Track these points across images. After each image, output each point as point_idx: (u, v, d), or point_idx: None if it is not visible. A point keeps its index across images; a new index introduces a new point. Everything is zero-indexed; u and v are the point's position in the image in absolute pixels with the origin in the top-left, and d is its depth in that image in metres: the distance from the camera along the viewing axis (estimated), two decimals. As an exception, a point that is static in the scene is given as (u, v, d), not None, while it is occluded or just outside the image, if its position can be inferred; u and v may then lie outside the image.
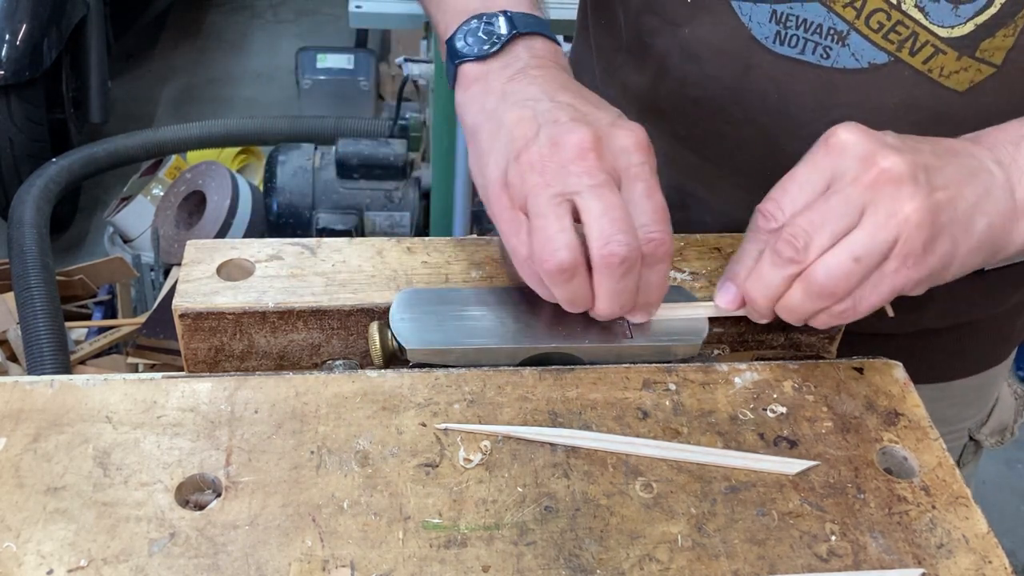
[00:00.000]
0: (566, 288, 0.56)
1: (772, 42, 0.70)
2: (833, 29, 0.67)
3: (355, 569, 0.49)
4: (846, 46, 0.68)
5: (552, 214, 0.55)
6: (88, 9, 2.63)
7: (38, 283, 1.73)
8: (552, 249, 0.54)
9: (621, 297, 0.57)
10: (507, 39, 0.63)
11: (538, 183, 0.55)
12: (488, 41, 0.63)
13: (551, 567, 0.50)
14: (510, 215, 0.57)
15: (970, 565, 0.52)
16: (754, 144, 0.75)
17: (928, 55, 0.66)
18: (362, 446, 0.56)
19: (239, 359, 0.64)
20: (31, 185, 2.03)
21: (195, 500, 0.53)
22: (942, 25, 0.65)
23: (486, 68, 0.63)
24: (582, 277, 0.56)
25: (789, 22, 0.68)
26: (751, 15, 0.70)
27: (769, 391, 0.61)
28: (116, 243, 2.49)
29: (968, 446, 0.97)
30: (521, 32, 0.63)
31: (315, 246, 0.67)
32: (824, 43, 0.68)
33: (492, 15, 0.64)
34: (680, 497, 0.54)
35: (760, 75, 0.71)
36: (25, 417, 0.55)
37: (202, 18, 3.79)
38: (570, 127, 0.56)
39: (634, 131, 0.57)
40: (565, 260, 0.54)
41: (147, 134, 2.31)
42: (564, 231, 0.54)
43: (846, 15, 0.66)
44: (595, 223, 0.54)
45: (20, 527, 0.50)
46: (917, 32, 0.65)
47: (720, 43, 0.72)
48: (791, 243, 0.56)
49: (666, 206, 0.57)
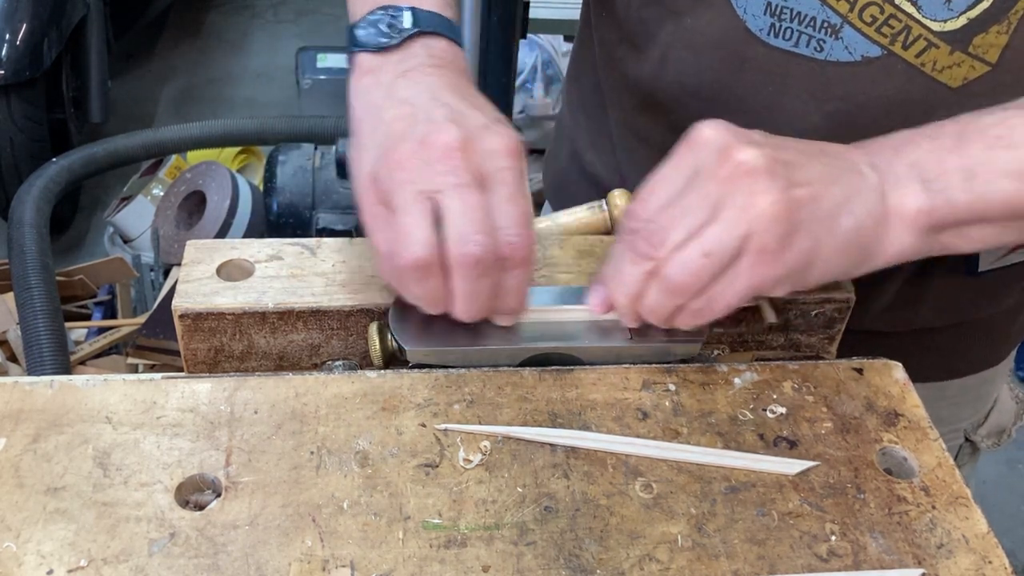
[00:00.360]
0: (421, 285, 0.56)
1: (767, 34, 0.70)
2: (827, 22, 0.67)
3: (355, 569, 0.49)
4: (839, 39, 0.68)
5: (412, 210, 0.55)
6: (88, 9, 2.63)
7: (38, 283, 1.73)
8: (407, 244, 0.54)
9: (479, 299, 0.57)
10: (407, 35, 0.63)
11: (403, 179, 0.55)
12: (387, 35, 0.63)
13: (551, 567, 0.50)
14: (374, 211, 0.57)
15: (970, 565, 0.52)
16: None
17: (921, 48, 0.66)
18: (362, 446, 0.56)
19: (239, 359, 0.64)
20: (31, 185, 2.03)
21: (195, 500, 0.53)
22: (935, 19, 0.65)
23: (381, 60, 0.63)
24: (437, 276, 0.55)
25: (783, 14, 0.69)
26: (746, 7, 0.70)
27: (769, 391, 0.61)
28: (116, 243, 2.48)
29: (964, 447, 0.97)
30: (424, 30, 0.63)
31: (315, 246, 0.67)
32: (818, 36, 0.68)
33: (398, 9, 0.64)
34: (680, 497, 0.54)
35: (755, 67, 0.72)
36: (25, 417, 0.55)
37: (202, 18, 3.79)
38: (440, 127, 0.56)
39: (505, 136, 0.57)
40: (420, 256, 0.54)
41: (147, 134, 2.31)
42: (420, 228, 0.54)
43: (839, 8, 0.67)
44: (454, 222, 0.54)
45: (20, 527, 0.50)
46: (910, 26, 0.65)
47: (717, 35, 0.72)
48: (647, 240, 0.56)
49: (529, 211, 0.57)
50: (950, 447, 0.95)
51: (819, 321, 0.67)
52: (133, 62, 3.42)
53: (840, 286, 0.67)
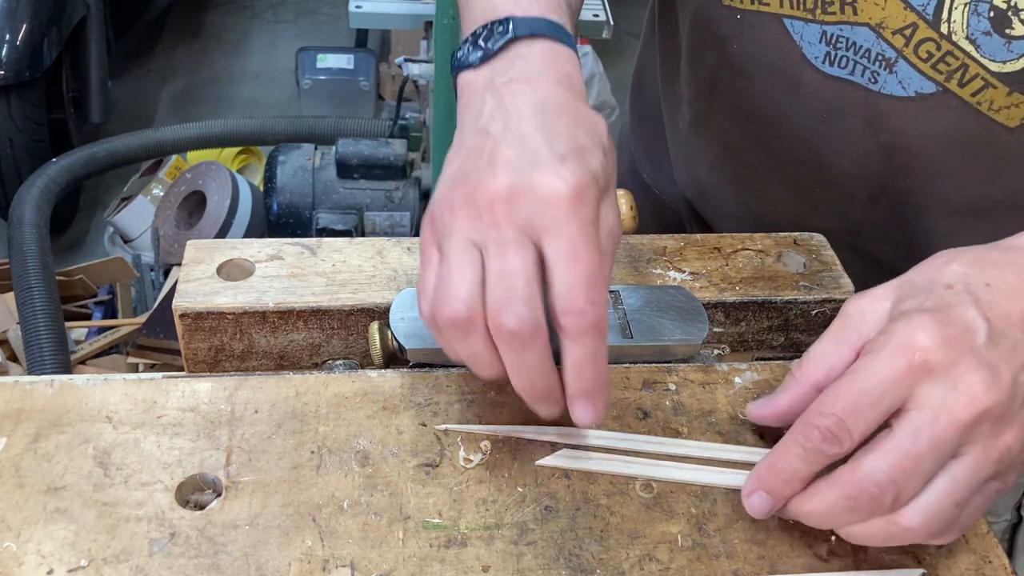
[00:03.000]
0: (463, 344, 0.50)
1: (822, 62, 0.70)
2: (881, 55, 0.67)
3: (355, 569, 0.49)
4: (893, 73, 0.67)
5: (457, 261, 0.49)
6: (88, 9, 2.63)
7: (38, 283, 1.73)
8: (447, 297, 0.49)
9: (530, 374, 0.50)
10: (500, 44, 0.57)
11: (453, 227, 0.50)
12: (483, 48, 0.58)
13: (551, 567, 0.50)
14: (427, 251, 0.52)
15: (970, 565, 0.52)
16: (803, 160, 0.75)
17: (977, 88, 0.65)
18: (362, 446, 0.56)
19: (239, 359, 0.64)
20: (31, 185, 2.03)
21: (195, 500, 0.53)
22: (993, 59, 0.64)
23: (475, 76, 0.58)
24: (480, 336, 0.49)
25: (839, 43, 0.68)
26: (802, 34, 0.69)
27: (769, 391, 0.61)
28: (116, 243, 2.48)
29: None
30: (519, 35, 0.57)
31: (315, 246, 0.67)
32: (872, 67, 0.68)
33: (497, 21, 0.59)
34: (680, 497, 0.54)
35: (809, 93, 0.71)
36: (25, 417, 0.56)
37: (202, 18, 3.79)
38: (494, 171, 0.50)
39: (565, 178, 0.49)
40: (458, 313, 0.49)
41: (147, 134, 2.31)
42: (465, 281, 0.49)
43: (895, 42, 0.66)
44: (491, 287, 0.49)
45: (20, 527, 0.50)
46: (967, 64, 0.64)
47: (770, 60, 0.72)
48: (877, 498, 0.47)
49: (595, 269, 0.49)
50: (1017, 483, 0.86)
51: (819, 321, 0.67)
52: (133, 62, 3.42)
53: (840, 285, 0.67)
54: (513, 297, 0.48)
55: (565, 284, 0.48)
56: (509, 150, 0.51)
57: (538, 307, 0.48)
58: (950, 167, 0.70)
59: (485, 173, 0.50)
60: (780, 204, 0.80)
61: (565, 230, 0.49)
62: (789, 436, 0.49)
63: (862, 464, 0.47)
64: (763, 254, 0.69)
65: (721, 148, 0.81)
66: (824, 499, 0.48)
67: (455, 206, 0.51)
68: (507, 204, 0.49)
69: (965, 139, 0.67)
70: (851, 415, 0.47)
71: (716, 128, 0.80)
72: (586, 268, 0.48)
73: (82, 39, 2.66)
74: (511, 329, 0.48)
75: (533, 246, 0.49)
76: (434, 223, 0.52)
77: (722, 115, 0.79)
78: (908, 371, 0.47)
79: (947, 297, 0.49)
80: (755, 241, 0.71)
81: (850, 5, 0.67)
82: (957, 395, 0.46)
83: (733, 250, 0.70)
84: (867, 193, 0.75)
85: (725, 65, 0.75)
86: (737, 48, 0.73)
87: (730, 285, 0.66)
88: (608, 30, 2.13)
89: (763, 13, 0.71)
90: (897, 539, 0.48)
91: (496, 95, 0.55)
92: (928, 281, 0.51)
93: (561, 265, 0.48)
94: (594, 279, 0.49)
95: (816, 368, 0.51)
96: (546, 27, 0.58)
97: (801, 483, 0.49)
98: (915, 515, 0.47)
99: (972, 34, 0.63)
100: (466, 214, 0.50)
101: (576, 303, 0.48)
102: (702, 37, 0.76)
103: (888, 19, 0.66)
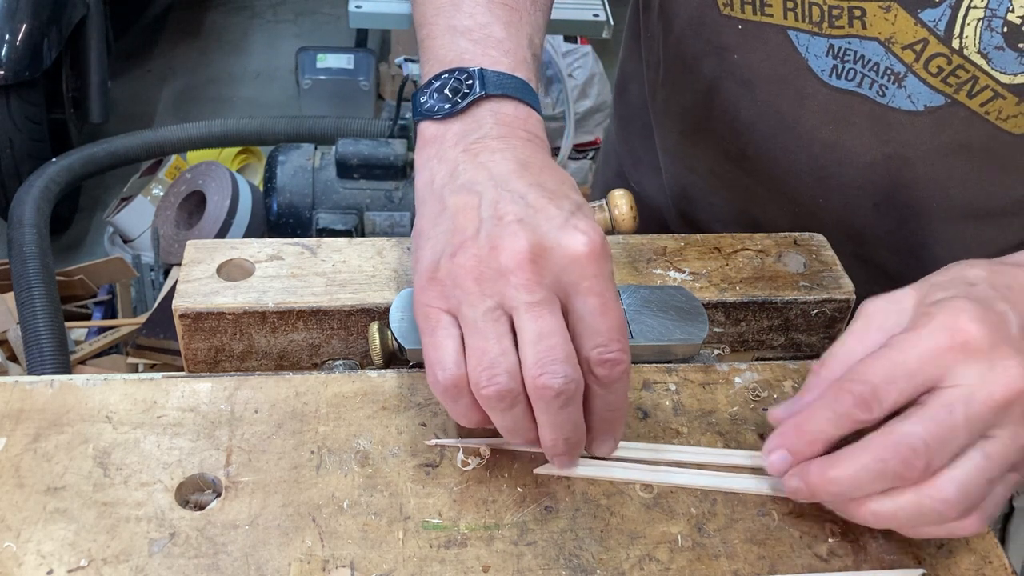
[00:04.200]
0: (506, 416, 0.50)
1: (828, 75, 0.69)
2: (890, 69, 0.67)
3: (355, 569, 0.49)
4: (902, 87, 0.67)
5: (492, 333, 0.49)
6: (88, 9, 2.63)
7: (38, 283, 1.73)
8: (492, 374, 0.48)
9: (564, 429, 0.50)
10: (471, 100, 0.57)
11: (474, 292, 0.49)
12: (451, 100, 0.57)
13: (551, 567, 0.50)
14: (436, 317, 0.51)
15: (970, 565, 0.52)
16: (806, 171, 0.75)
17: (987, 99, 0.65)
18: (362, 446, 0.56)
19: (239, 359, 0.64)
20: (31, 185, 2.03)
21: (195, 500, 0.53)
22: (1005, 72, 0.64)
23: (443, 129, 0.57)
24: (523, 404, 0.50)
25: (847, 56, 0.68)
26: (808, 46, 0.69)
27: (769, 391, 0.61)
28: (116, 243, 2.48)
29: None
30: (490, 94, 0.57)
31: (315, 246, 0.67)
32: (880, 81, 0.68)
33: (464, 71, 0.58)
34: (680, 497, 0.54)
35: (815, 105, 0.71)
36: (25, 417, 0.55)
37: (202, 18, 3.79)
38: (512, 230, 0.50)
39: (587, 234, 0.50)
40: (505, 387, 0.48)
41: (147, 134, 2.31)
42: (505, 354, 0.49)
43: (905, 57, 0.66)
44: (530, 349, 0.48)
45: (20, 527, 0.50)
46: (977, 76, 0.64)
47: (774, 71, 0.71)
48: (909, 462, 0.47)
49: (623, 321, 0.51)
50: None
51: (819, 321, 0.67)
52: (133, 62, 3.42)
53: (841, 286, 0.67)
54: (556, 358, 0.48)
55: (602, 337, 0.49)
56: (515, 208, 0.51)
57: (577, 365, 0.49)
58: (955, 175, 0.70)
59: (501, 234, 0.50)
60: (780, 212, 0.80)
61: (595, 286, 0.50)
62: (820, 400, 0.50)
63: (896, 428, 0.47)
64: (763, 254, 0.69)
65: (719, 157, 0.80)
66: (853, 462, 0.48)
67: (468, 270, 0.50)
68: (534, 264, 0.49)
69: (971, 147, 0.68)
70: (885, 384, 0.48)
71: (715, 137, 0.79)
72: (617, 320, 0.50)
73: (82, 39, 2.66)
74: (558, 389, 0.48)
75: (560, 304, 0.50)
76: (442, 288, 0.51)
77: (721, 124, 0.78)
78: (949, 349, 0.47)
79: (975, 292, 0.49)
80: (755, 241, 0.71)
81: (859, 19, 0.66)
82: (995, 376, 0.47)
83: (733, 250, 0.70)
84: (871, 202, 0.75)
85: (725, 75, 0.75)
86: (739, 58, 0.73)
87: (730, 285, 0.66)
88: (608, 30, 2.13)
89: (766, 24, 0.70)
90: (926, 515, 0.47)
91: (469, 152, 0.55)
92: (950, 280, 0.51)
93: (594, 319, 0.49)
94: (623, 329, 0.50)
95: (840, 367, 0.51)
96: (514, 88, 0.58)
97: (823, 446, 0.49)
98: (949, 484, 0.47)
99: (984, 48, 0.63)
100: (485, 277, 0.49)
101: (613, 354, 0.49)
102: (698, 46, 0.76)
103: (898, 34, 0.65)
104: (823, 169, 0.74)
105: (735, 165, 0.80)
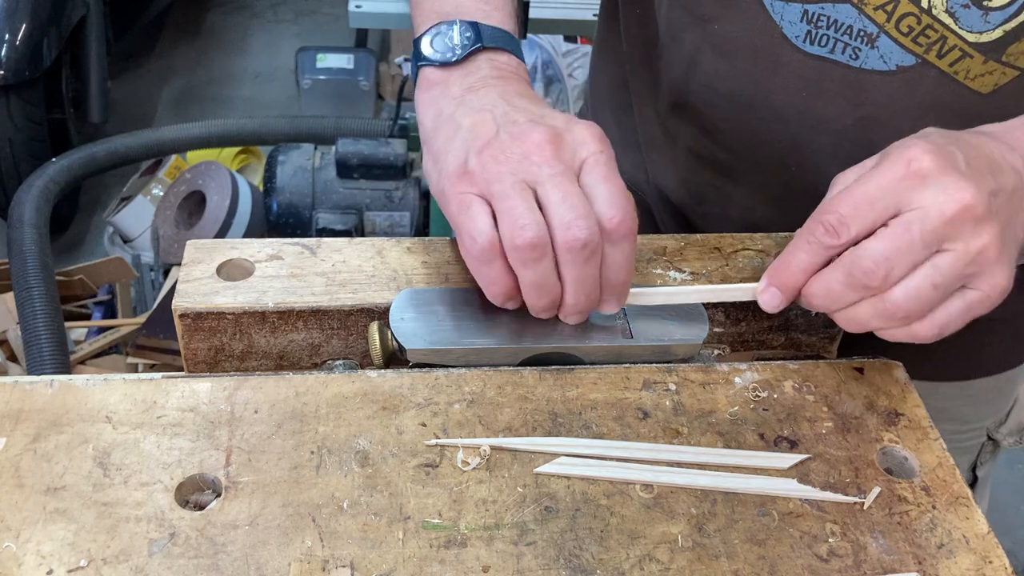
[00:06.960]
0: (535, 269, 0.56)
1: (802, 41, 0.70)
2: (863, 31, 0.68)
3: (355, 569, 0.49)
4: (875, 48, 0.68)
5: (520, 198, 0.56)
6: (88, 9, 2.63)
7: (38, 283, 1.73)
8: (521, 226, 0.55)
9: (587, 284, 0.57)
10: (470, 50, 0.65)
11: (502, 171, 0.57)
12: (451, 49, 0.65)
13: (551, 567, 0.50)
14: (469, 199, 0.58)
15: (970, 565, 0.52)
16: (780, 140, 0.76)
17: (955, 58, 0.67)
18: (362, 446, 0.56)
19: (239, 359, 0.64)
20: (31, 185, 2.03)
21: (195, 500, 0.53)
22: (971, 30, 0.65)
23: (446, 74, 0.65)
24: (550, 259, 0.56)
25: (820, 22, 0.69)
26: (783, 14, 0.70)
27: (769, 391, 0.61)
28: (116, 243, 2.48)
29: (986, 445, 0.97)
30: (486, 46, 0.66)
31: (315, 246, 0.67)
32: (853, 44, 0.69)
33: (461, 23, 0.66)
34: (680, 497, 0.54)
35: (790, 72, 0.72)
36: (25, 417, 0.55)
37: (202, 18, 3.79)
38: (529, 126, 0.59)
39: (590, 126, 0.59)
40: (534, 237, 0.55)
41: (147, 134, 2.31)
42: (532, 210, 0.56)
43: (877, 18, 0.67)
44: (556, 210, 0.56)
45: (20, 527, 0.50)
46: (946, 36, 0.66)
47: (751, 40, 0.73)
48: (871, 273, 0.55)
49: (625, 189, 0.58)
50: (972, 445, 0.95)
51: (819, 321, 0.67)
52: (133, 62, 3.42)
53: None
54: (580, 214, 0.56)
55: (612, 199, 0.57)
56: (524, 115, 0.60)
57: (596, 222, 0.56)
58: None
59: (520, 129, 0.59)
60: (754, 185, 0.80)
61: (602, 159, 0.58)
62: (797, 237, 0.58)
63: (861, 245, 0.55)
64: (763, 254, 0.69)
65: (698, 131, 0.81)
66: (827, 278, 0.56)
67: (496, 156, 0.58)
68: (552, 145, 0.58)
69: (941, 107, 0.69)
70: (851, 213, 0.55)
71: (693, 111, 0.80)
72: (620, 186, 0.58)
73: (82, 39, 2.66)
74: (584, 239, 0.55)
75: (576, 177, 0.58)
76: (472, 177, 0.58)
77: (699, 98, 0.79)
78: (905, 177, 0.55)
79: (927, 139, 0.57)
80: (755, 241, 0.71)
81: None
82: (947, 196, 0.53)
83: (733, 250, 0.70)
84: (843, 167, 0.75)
85: (705, 47, 0.76)
86: (718, 28, 0.74)
87: (730, 285, 0.66)
88: (608, 30, 2.13)
89: None
90: (882, 315, 0.55)
91: (472, 89, 0.64)
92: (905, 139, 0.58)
93: (605, 186, 0.57)
94: (626, 196, 0.58)
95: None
96: (505, 41, 0.67)
97: (805, 276, 0.58)
98: (899, 291, 0.54)
99: (951, 7, 0.65)
100: (512, 159, 0.57)
101: (622, 210, 0.57)
102: (679, 19, 0.77)
103: None
104: (795, 137, 0.75)
105: (710, 138, 0.80)
